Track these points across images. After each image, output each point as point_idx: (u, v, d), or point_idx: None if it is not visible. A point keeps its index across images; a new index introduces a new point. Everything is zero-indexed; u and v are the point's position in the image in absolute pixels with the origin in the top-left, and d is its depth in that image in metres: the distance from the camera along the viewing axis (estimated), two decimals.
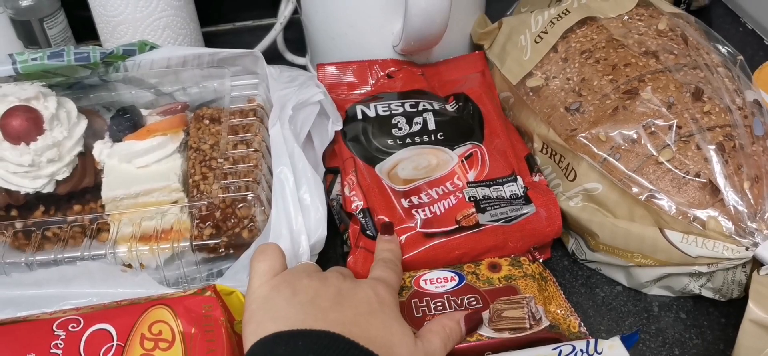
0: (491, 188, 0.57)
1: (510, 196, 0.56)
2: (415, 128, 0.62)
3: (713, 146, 0.50)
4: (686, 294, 0.53)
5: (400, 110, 0.64)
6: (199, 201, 0.56)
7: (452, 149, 0.60)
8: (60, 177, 0.59)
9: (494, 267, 0.53)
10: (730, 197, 0.48)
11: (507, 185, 0.57)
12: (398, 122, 0.63)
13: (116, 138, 0.61)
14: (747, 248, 0.47)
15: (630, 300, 0.54)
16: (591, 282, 0.56)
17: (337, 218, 0.59)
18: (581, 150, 0.53)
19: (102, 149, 0.61)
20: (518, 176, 0.58)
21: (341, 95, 0.67)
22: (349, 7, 0.68)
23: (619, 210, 0.52)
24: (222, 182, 0.56)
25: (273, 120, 0.59)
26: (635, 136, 0.52)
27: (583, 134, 0.54)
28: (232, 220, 0.55)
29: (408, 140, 0.62)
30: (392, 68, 0.69)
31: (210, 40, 0.83)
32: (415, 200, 0.57)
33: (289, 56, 0.83)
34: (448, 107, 0.66)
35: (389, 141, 0.62)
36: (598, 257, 0.55)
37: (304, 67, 0.81)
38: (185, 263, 0.55)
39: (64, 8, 0.76)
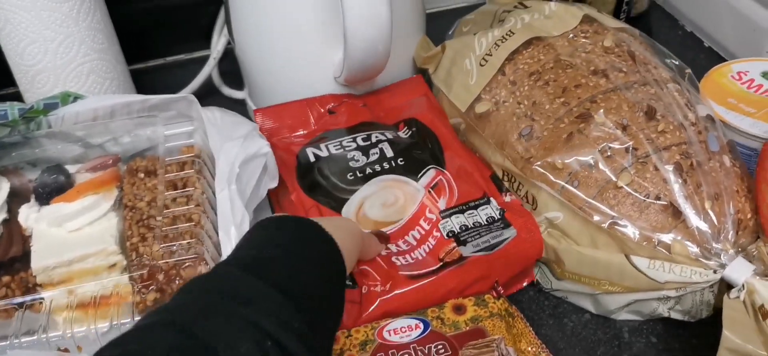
0: (465, 215, 0.55)
1: (487, 220, 0.55)
2: (373, 157, 0.60)
3: (671, 167, 0.49)
4: (655, 317, 0.52)
5: (353, 145, 0.62)
6: (139, 265, 0.52)
7: (417, 180, 0.58)
8: None
9: (459, 309, 0.50)
10: (693, 218, 0.47)
11: (481, 208, 0.56)
12: (353, 155, 0.60)
13: (43, 201, 0.57)
14: (714, 271, 0.46)
15: (599, 327, 0.53)
16: (558, 311, 0.55)
17: None
18: (538, 179, 0.52)
19: (28, 214, 0.56)
20: (491, 198, 0.56)
21: (285, 138, 0.64)
22: (284, 40, 0.65)
23: (581, 239, 0.51)
24: (163, 245, 0.52)
25: (221, 183, 0.55)
26: (592, 161, 0.50)
27: (539, 163, 0.52)
28: (178, 281, 0.51)
29: (368, 171, 0.59)
30: (332, 104, 0.66)
31: (139, 78, 0.78)
32: (393, 247, 0.54)
33: (226, 91, 0.80)
34: (401, 134, 0.64)
35: (349, 176, 0.59)
36: (564, 285, 0.53)
37: (242, 102, 0.77)
38: None
39: None
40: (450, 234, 0.54)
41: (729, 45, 0.78)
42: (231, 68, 0.79)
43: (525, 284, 0.56)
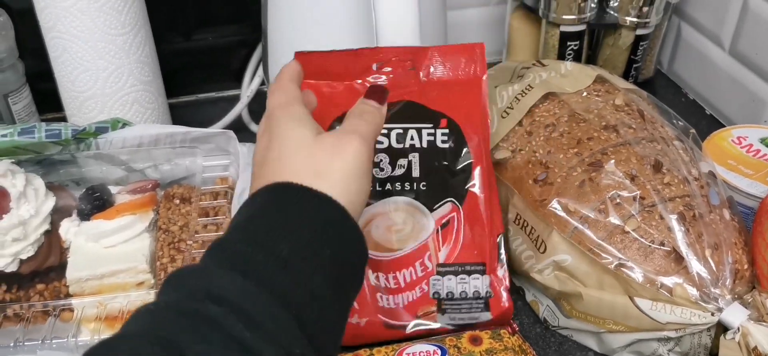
0: (458, 279, 0.57)
1: (473, 294, 0.57)
2: (399, 171, 0.58)
3: (675, 216, 0.53)
4: None
5: (386, 142, 0.58)
6: None
7: (432, 209, 0.58)
8: (24, 256, 0.58)
9: (475, 341, 0.54)
10: (694, 264, 0.51)
11: (473, 277, 0.57)
12: (381, 160, 0.58)
13: (84, 217, 0.61)
14: (712, 314, 0.50)
15: None
16: (563, 349, 0.58)
17: None
18: (551, 220, 0.56)
19: (69, 228, 0.60)
20: (487, 275, 0.57)
21: (324, 91, 0.57)
22: None
23: (588, 280, 0.54)
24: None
25: (234, 204, 0.59)
26: (602, 207, 0.54)
27: (553, 205, 0.56)
28: None
29: (387, 187, 0.58)
30: (378, 64, 0.58)
31: (174, 112, 0.83)
32: (381, 279, 0.57)
33: (254, 127, 0.84)
34: (439, 139, 0.58)
35: None
36: (571, 323, 0.57)
37: None
38: None
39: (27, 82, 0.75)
40: (435, 296, 0.57)
41: (729, 113, 0.83)
42: (259, 108, 0.83)
43: None
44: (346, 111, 0.55)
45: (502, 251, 0.58)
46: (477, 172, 0.58)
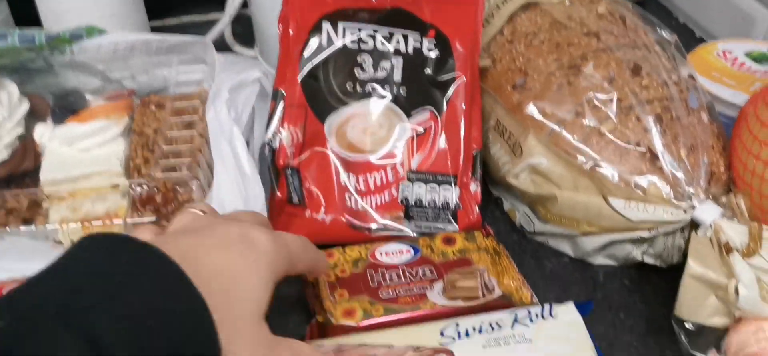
0: (428, 187, 0.57)
1: (441, 205, 0.57)
2: (380, 74, 0.58)
3: (652, 117, 0.52)
4: (629, 262, 0.55)
5: (371, 43, 0.58)
6: (138, 183, 0.55)
7: (409, 116, 0.58)
8: None
9: (449, 241, 0.54)
10: (668, 163, 0.51)
11: (443, 188, 0.57)
12: (363, 61, 0.58)
13: (58, 121, 0.60)
14: (685, 211, 0.49)
15: (576, 270, 0.56)
16: (539, 254, 0.58)
17: (269, 170, 0.58)
18: (528, 123, 0.55)
19: (43, 132, 0.60)
20: (457, 186, 0.57)
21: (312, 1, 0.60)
22: None
23: (563, 183, 0.54)
24: (162, 161, 0.55)
25: (208, 105, 0.58)
26: (579, 109, 0.54)
27: (530, 108, 0.55)
28: (173, 204, 0.54)
29: (367, 88, 0.58)
30: None
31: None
32: (352, 180, 0.57)
33: (238, 48, 0.83)
34: (425, 47, 0.59)
35: (348, 85, 0.58)
36: (546, 228, 0.57)
37: (252, 59, 0.81)
38: None
39: None
40: (404, 201, 0.57)
41: (720, 35, 0.81)
42: (243, 30, 0.83)
43: None
44: (335, 10, 0.59)
45: (478, 166, 0.58)
46: (460, 84, 0.59)
